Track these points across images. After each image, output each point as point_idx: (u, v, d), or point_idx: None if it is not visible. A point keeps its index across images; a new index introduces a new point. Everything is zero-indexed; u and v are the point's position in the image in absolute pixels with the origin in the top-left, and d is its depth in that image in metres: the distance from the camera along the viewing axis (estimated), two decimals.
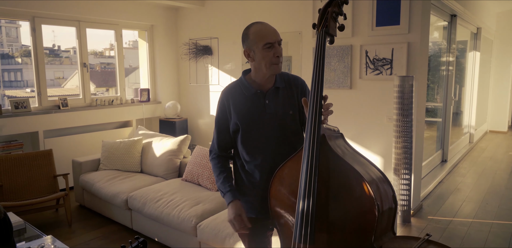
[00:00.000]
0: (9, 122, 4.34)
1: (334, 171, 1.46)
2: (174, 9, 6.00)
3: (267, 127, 1.73)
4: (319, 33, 1.56)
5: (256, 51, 1.65)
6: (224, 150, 1.85)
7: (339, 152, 1.47)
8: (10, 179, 3.81)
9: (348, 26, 4.16)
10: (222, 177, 1.81)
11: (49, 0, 4.56)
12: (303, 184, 1.48)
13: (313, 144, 1.46)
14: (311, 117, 1.51)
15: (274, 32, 1.67)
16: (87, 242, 3.45)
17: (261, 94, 1.73)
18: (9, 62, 13.92)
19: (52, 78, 14.95)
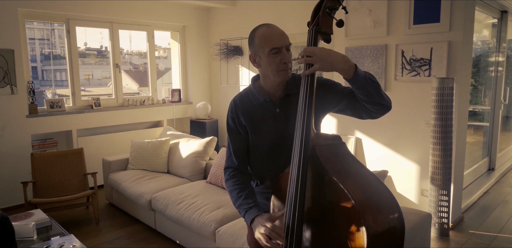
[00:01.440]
0: (45, 121, 4.51)
1: (323, 187, 1.31)
2: (206, 9, 5.99)
3: (278, 137, 1.60)
4: (309, 33, 1.41)
5: (262, 57, 1.51)
6: (242, 162, 1.66)
7: (330, 166, 1.30)
8: (43, 176, 3.93)
9: (383, 24, 3.92)
10: (243, 193, 1.58)
11: (83, 1, 4.68)
12: (288, 198, 1.36)
13: (300, 156, 1.33)
14: (299, 128, 1.37)
15: (281, 36, 1.50)
16: (111, 241, 3.48)
17: (270, 102, 1.59)
18: (60, 63, 14.67)
19: (99, 78, 15.60)
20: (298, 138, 1.36)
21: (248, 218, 1.52)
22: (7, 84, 4.19)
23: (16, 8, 4.22)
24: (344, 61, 1.34)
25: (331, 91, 1.56)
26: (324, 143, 1.39)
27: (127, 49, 16.50)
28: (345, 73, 1.35)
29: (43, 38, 18.22)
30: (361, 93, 1.41)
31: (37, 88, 4.51)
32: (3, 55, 4.13)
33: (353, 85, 1.40)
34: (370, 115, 1.51)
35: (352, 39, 4.22)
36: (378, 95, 1.42)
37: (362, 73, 1.38)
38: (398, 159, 3.98)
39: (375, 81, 1.41)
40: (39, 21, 5.25)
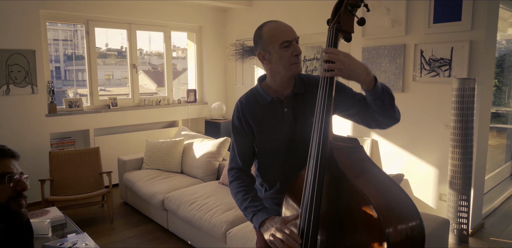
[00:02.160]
0: (63, 120, 4.60)
1: (341, 192, 1.26)
2: (222, 10, 5.99)
3: (286, 138, 1.55)
4: (330, 31, 1.36)
5: (272, 52, 1.46)
6: (247, 163, 1.63)
7: (349, 171, 1.25)
8: (60, 174, 4.00)
9: (401, 23, 3.81)
10: (249, 196, 1.53)
11: (102, 2, 4.76)
12: (303, 202, 1.32)
13: (317, 159, 1.29)
14: (317, 130, 1.32)
15: (290, 30, 1.48)
16: (124, 240, 3.51)
17: (278, 101, 1.54)
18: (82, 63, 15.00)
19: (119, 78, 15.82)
20: (316, 140, 1.32)
21: (257, 221, 1.45)
22: (28, 84, 4.30)
23: (38, 10, 4.32)
24: (367, 72, 1.31)
25: (342, 94, 1.52)
26: (342, 145, 1.34)
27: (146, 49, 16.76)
28: (366, 84, 1.32)
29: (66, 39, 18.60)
30: (376, 105, 1.37)
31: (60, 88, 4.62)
32: (25, 55, 4.24)
33: (370, 97, 1.36)
34: (379, 126, 1.49)
35: (369, 39, 4.12)
36: (392, 108, 1.40)
37: (380, 86, 1.35)
38: (415, 162, 3.87)
39: (391, 94, 1.39)
40: (62, 23, 5.36)
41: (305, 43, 4.78)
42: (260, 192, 1.65)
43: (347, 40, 1.41)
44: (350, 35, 1.39)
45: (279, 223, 1.37)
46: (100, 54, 21.85)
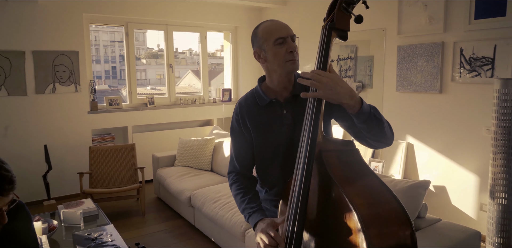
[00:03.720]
0: (104, 117, 4.87)
1: (327, 196, 1.22)
2: (258, 9, 6.01)
3: (285, 141, 1.52)
4: (323, 30, 1.31)
5: (267, 50, 1.45)
6: (245, 168, 1.62)
7: (336, 174, 1.19)
8: (99, 168, 4.24)
9: (439, 20, 3.59)
10: (246, 197, 1.54)
11: (140, 4, 4.97)
12: (290, 204, 1.29)
13: (305, 161, 1.25)
14: (306, 130, 1.28)
15: (284, 27, 1.45)
16: (153, 233, 3.64)
17: (277, 103, 1.51)
18: (136, 63, 15.67)
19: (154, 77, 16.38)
20: (304, 141, 1.28)
21: (252, 222, 1.48)
22: (72, 83, 4.60)
23: (82, 13, 4.61)
24: (351, 96, 1.25)
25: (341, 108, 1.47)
26: (332, 148, 1.30)
27: (196, 50, 17.25)
28: (350, 108, 1.27)
29: (122, 40, 19.75)
30: (363, 128, 1.33)
31: (115, 87, 4.95)
32: (69, 56, 4.54)
33: (356, 119, 1.31)
34: (369, 146, 1.44)
35: (405, 37, 3.93)
36: (380, 133, 1.34)
37: (367, 110, 1.29)
38: (454, 168, 3.62)
39: (379, 118, 1.33)
40: (105, 25, 5.69)
41: (338, 42, 4.64)
42: (261, 193, 1.63)
43: (343, 39, 1.36)
44: (345, 33, 1.35)
45: (266, 225, 1.35)
46: (153, 54, 22.70)
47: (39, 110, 4.42)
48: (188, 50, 21.06)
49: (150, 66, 21.26)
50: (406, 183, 2.36)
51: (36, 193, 4.36)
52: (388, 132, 1.36)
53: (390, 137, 1.38)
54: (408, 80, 3.93)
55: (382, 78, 4.22)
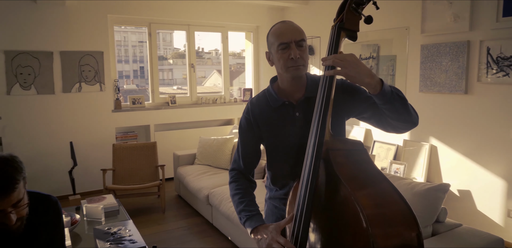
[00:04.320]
0: (127, 115, 5.00)
1: (334, 195, 1.21)
2: (279, 9, 6.00)
3: (297, 142, 1.51)
4: (332, 30, 1.30)
5: (273, 53, 1.46)
6: (248, 168, 1.62)
7: (343, 173, 1.19)
8: (122, 165, 4.36)
9: (465, 18, 3.46)
10: (245, 200, 1.53)
11: (163, 5, 5.07)
12: (297, 204, 1.29)
13: (312, 160, 1.25)
14: (313, 129, 1.28)
15: (291, 31, 1.42)
16: (171, 230, 3.71)
17: (289, 105, 1.50)
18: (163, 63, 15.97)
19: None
20: (312, 140, 1.28)
21: (249, 226, 1.46)
22: (97, 82, 4.75)
23: (106, 15, 4.75)
24: (371, 75, 1.25)
25: (354, 97, 1.46)
26: (340, 147, 1.29)
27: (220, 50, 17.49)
28: (371, 88, 1.26)
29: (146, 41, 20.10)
30: (387, 109, 1.31)
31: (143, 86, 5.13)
32: (94, 56, 4.69)
33: (379, 101, 1.29)
34: (396, 130, 1.41)
35: (429, 36, 3.81)
36: (405, 112, 1.32)
37: (388, 89, 1.28)
38: (480, 172, 3.48)
39: (403, 97, 1.31)
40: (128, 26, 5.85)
41: (360, 41, 4.58)
42: (271, 191, 1.63)
43: (352, 39, 1.35)
44: (355, 34, 1.34)
45: (274, 232, 1.35)
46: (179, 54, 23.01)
47: (66, 108, 4.60)
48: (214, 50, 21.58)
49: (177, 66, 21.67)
50: (424, 186, 2.29)
51: (62, 188, 4.53)
52: (412, 111, 1.35)
53: (416, 116, 1.37)
54: (431, 80, 3.82)
55: (404, 79, 4.12)
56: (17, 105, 4.34)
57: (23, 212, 1.40)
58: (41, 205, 1.50)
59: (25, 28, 4.29)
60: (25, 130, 4.40)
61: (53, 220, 1.60)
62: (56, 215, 1.60)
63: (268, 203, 1.65)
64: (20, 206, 1.40)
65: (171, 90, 7.28)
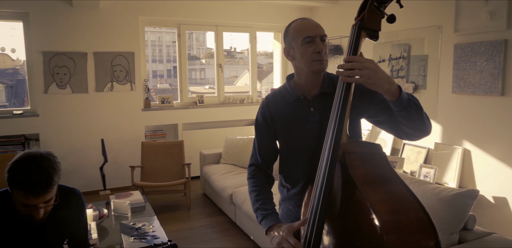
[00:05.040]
0: (156, 114, 5.13)
1: (349, 199, 1.18)
2: (309, 9, 5.94)
3: (310, 139, 1.50)
4: (352, 29, 1.27)
5: (296, 48, 1.45)
6: (266, 162, 1.61)
7: (359, 177, 1.15)
8: (150, 162, 4.47)
9: (502, 16, 3.28)
10: (261, 198, 1.53)
11: (192, 5, 5.16)
12: (311, 207, 1.27)
13: (327, 163, 1.22)
14: (330, 131, 1.26)
15: (315, 26, 1.44)
16: (195, 227, 3.77)
17: (304, 100, 1.50)
18: (194, 63, 16.29)
19: (227, 76, 17.03)
20: (328, 142, 1.26)
21: (264, 226, 1.47)
22: (128, 81, 4.90)
23: (138, 17, 4.90)
24: (390, 82, 1.23)
25: (370, 98, 1.43)
26: (357, 150, 1.26)
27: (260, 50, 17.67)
28: (390, 95, 1.24)
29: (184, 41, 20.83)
30: (402, 116, 1.29)
31: (175, 86, 5.28)
32: (126, 57, 4.85)
33: (396, 108, 1.27)
34: (408, 137, 1.39)
35: (463, 35, 3.64)
36: (420, 120, 1.31)
37: (405, 97, 1.26)
38: None
39: (418, 105, 1.30)
40: (159, 27, 6.00)
41: (390, 40, 4.45)
42: (282, 193, 1.62)
43: (373, 39, 1.31)
44: (376, 33, 1.30)
45: (286, 232, 1.34)
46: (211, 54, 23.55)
47: (98, 107, 4.78)
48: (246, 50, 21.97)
49: (209, 66, 22.14)
50: (451, 191, 2.19)
51: (94, 183, 4.72)
52: (427, 119, 1.34)
53: (429, 125, 1.36)
54: (465, 81, 3.64)
55: (437, 79, 3.95)
56: (53, 103, 4.56)
57: (49, 208, 1.48)
58: (65, 197, 1.57)
59: (62, 30, 4.51)
60: (60, 126, 4.62)
61: (76, 212, 1.67)
62: (79, 207, 1.67)
63: (282, 206, 1.64)
64: (50, 204, 1.48)
65: (203, 90, 7.41)
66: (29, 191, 1.36)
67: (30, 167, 1.38)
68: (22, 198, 1.37)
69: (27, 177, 1.36)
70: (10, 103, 5.89)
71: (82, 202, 1.69)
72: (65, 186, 1.64)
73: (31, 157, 1.40)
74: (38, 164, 1.39)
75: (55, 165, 1.44)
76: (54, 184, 1.42)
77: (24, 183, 1.36)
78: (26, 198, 1.37)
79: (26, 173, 1.37)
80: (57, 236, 1.59)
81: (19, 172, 1.37)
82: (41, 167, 1.39)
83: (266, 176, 1.62)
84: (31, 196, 1.37)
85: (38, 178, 1.37)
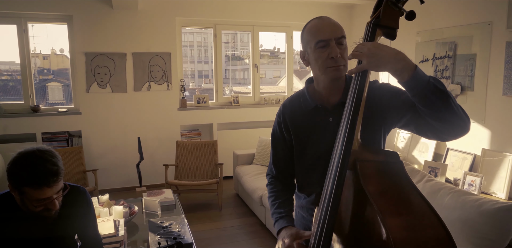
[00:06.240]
0: (192, 114, 5.20)
1: (359, 212, 1.08)
2: (348, 7, 5.75)
3: (328, 149, 1.40)
4: (367, 27, 1.17)
5: (310, 52, 1.33)
6: (281, 173, 1.54)
7: (371, 188, 1.04)
8: (184, 161, 4.54)
9: None
10: (277, 202, 1.48)
11: (228, 5, 5.17)
12: (318, 217, 1.18)
13: (336, 171, 1.13)
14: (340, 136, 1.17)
15: (331, 27, 1.29)
16: (225, 227, 3.76)
17: (322, 109, 1.38)
18: (236, 63, 16.46)
19: (270, 76, 17.13)
20: (338, 149, 1.17)
21: (277, 227, 1.42)
22: (165, 81, 5.01)
23: (175, 18, 4.99)
24: (397, 59, 1.09)
25: (391, 102, 1.30)
26: (370, 159, 1.15)
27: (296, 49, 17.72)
28: (398, 75, 1.10)
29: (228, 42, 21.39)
30: (421, 103, 1.12)
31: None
32: (163, 57, 4.96)
33: (410, 92, 1.12)
34: (436, 135, 1.19)
35: None
36: (445, 108, 1.10)
37: (423, 78, 1.09)
38: None
39: (443, 90, 1.09)
40: (195, 28, 6.09)
41: (435, 39, 4.17)
42: (300, 199, 1.54)
43: (390, 37, 1.20)
44: (394, 31, 1.19)
45: (291, 236, 1.27)
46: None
47: (136, 106, 4.93)
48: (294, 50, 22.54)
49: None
50: (494, 204, 1.98)
51: (131, 180, 4.87)
52: (458, 109, 1.11)
53: (463, 118, 1.13)
54: None
55: (485, 80, 3.64)
56: (94, 102, 4.77)
57: (61, 198, 1.52)
58: (70, 194, 1.60)
59: (103, 31, 4.70)
60: (100, 124, 4.82)
61: (83, 208, 1.70)
62: (85, 203, 1.70)
63: (296, 211, 1.57)
64: (61, 194, 1.52)
65: (246, 89, 7.47)
66: (43, 183, 1.39)
67: (34, 161, 1.41)
68: (36, 193, 1.40)
69: (36, 171, 1.39)
70: (66, 101, 6.34)
71: (87, 198, 1.72)
72: (70, 184, 1.68)
73: (30, 153, 1.43)
74: (40, 157, 1.42)
75: (55, 154, 1.47)
76: (62, 171, 1.46)
77: (36, 177, 1.39)
78: (41, 192, 1.40)
79: (34, 168, 1.39)
80: (67, 232, 1.62)
81: (26, 170, 1.39)
82: (44, 159, 1.42)
83: (283, 183, 1.55)
84: (45, 187, 1.40)
85: (47, 168, 1.40)
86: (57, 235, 1.59)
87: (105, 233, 2.35)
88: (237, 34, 14.82)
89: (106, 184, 4.76)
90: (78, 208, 1.67)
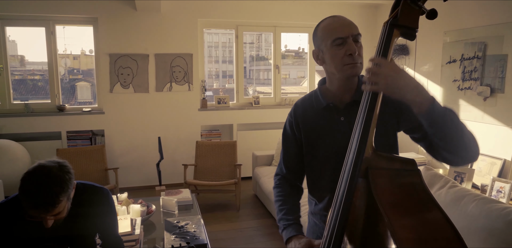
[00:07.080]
0: (212, 114, 5.22)
1: (370, 222, 1.02)
2: (373, 7, 5.61)
3: (338, 150, 1.35)
4: (383, 27, 1.11)
5: (325, 50, 1.31)
6: (292, 173, 1.51)
7: (383, 198, 0.98)
8: (203, 161, 4.56)
9: None
10: (285, 208, 1.46)
11: (250, 6, 5.16)
12: (327, 226, 1.14)
13: (347, 178, 1.08)
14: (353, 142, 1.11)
15: (347, 25, 1.28)
16: (241, 229, 3.74)
17: (334, 108, 1.36)
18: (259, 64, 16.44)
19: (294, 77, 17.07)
20: (350, 156, 1.12)
21: (285, 236, 1.39)
22: (186, 82, 5.06)
23: (197, 19, 5.03)
24: (418, 91, 1.05)
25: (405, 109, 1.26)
26: (384, 166, 1.09)
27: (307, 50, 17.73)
28: (416, 106, 1.06)
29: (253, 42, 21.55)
30: (433, 133, 1.11)
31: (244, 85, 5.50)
32: (184, 58, 5.00)
33: (424, 121, 1.09)
34: (445, 161, 1.18)
35: None
36: (458, 142, 1.10)
37: (439, 111, 1.06)
38: None
39: (459, 124, 1.08)
40: (217, 29, 6.12)
41: (463, 39, 4.00)
42: (311, 205, 1.49)
43: (409, 38, 1.13)
44: (413, 32, 1.12)
45: (302, 245, 1.23)
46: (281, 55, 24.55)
47: (157, 106, 5.00)
48: None
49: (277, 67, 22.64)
50: None
51: (151, 179, 4.95)
52: (470, 142, 1.11)
53: (474, 151, 1.13)
54: None
55: None
56: (117, 102, 4.87)
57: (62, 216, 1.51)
58: (91, 195, 1.61)
59: (126, 33, 4.80)
60: (123, 124, 4.92)
61: (103, 207, 1.71)
62: (105, 203, 1.72)
63: (310, 218, 1.52)
64: (60, 217, 1.50)
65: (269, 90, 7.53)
66: (34, 209, 1.40)
67: (39, 183, 1.40)
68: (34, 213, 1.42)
69: (34, 196, 1.39)
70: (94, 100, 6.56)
71: (108, 199, 1.73)
72: (93, 185, 1.69)
73: (42, 173, 1.42)
74: (47, 182, 1.41)
75: (64, 183, 1.45)
76: (59, 202, 1.43)
77: (31, 201, 1.39)
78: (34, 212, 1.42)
79: (36, 189, 1.39)
80: (83, 231, 1.64)
81: (29, 187, 1.40)
82: (49, 186, 1.40)
83: (292, 186, 1.52)
84: (36, 212, 1.41)
85: (43, 199, 1.40)
86: (71, 233, 1.61)
87: (121, 231, 2.38)
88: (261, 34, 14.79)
89: (127, 182, 4.85)
90: (96, 208, 1.69)
